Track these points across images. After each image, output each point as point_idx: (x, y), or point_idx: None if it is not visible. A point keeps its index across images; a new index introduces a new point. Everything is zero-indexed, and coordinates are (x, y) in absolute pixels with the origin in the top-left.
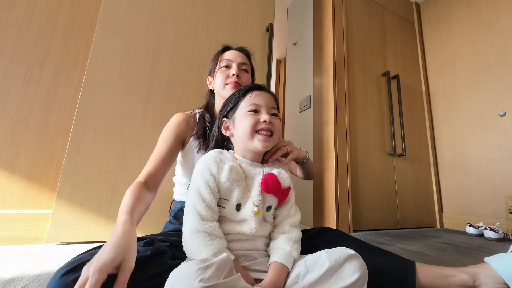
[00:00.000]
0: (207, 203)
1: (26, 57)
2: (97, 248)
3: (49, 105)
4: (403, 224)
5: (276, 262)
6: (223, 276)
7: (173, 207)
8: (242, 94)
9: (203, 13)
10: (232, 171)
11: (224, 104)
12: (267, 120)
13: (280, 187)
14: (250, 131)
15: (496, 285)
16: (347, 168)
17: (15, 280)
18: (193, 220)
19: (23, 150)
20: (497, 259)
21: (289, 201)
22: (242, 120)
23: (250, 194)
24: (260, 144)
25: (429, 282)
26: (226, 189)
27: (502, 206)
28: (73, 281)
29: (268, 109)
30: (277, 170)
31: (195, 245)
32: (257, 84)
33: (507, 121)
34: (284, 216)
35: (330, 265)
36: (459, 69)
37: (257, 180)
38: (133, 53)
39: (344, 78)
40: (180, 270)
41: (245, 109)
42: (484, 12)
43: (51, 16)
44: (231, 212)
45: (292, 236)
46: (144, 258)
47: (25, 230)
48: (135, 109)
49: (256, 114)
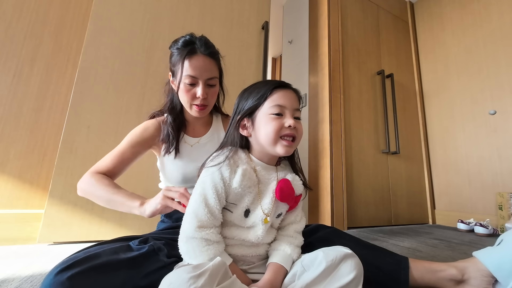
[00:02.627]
0: (211, 208)
1: (15, 54)
2: (91, 247)
3: (40, 103)
4: (397, 221)
5: (274, 263)
6: (217, 282)
7: None
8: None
9: (198, 10)
10: (245, 176)
11: (240, 101)
12: (292, 125)
13: (294, 194)
14: (274, 137)
15: (484, 278)
16: (342, 166)
17: (7, 281)
18: (190, 226)
19: (14, 149)
20: (485, 252)
21: (297, 208)
22: (265, 124)
23: (262, 201)
24: (283, 149)
25: (420, 276)
26: (236, 194)
27: (492, 203)
28: (67, 279)
29: (292, 112)
30: (291, 176)
31: (190, 250)
32: (281, 81)
33: (497, 119)
34: (290, 221)
35: (326, 265)
36: (451, 68)
37: (271, 186)
38: (126, 50)
39: (339, 76)
40: (171, 278)
41: (268, 111)
42: (476, 12)
43: (41, 12)
44: (238, 218)
45: (295, 241)
46: (140, 255)
47: (16, 230)
48: (129, 107)
49: (280, 117)
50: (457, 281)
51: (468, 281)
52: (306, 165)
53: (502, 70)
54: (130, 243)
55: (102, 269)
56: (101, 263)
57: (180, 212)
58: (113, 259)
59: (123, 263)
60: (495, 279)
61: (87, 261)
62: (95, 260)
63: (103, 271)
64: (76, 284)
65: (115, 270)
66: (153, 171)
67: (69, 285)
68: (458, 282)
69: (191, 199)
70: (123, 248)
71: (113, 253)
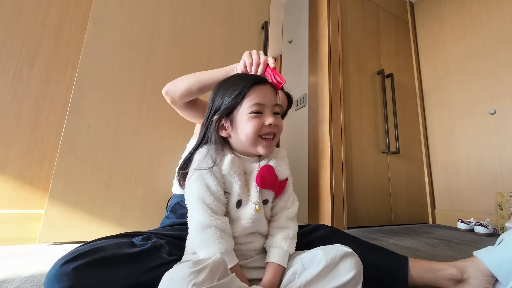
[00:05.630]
0: (215, 195)
1: (15, 54)
2: (95, 241)
3: (40, 103)
4: (397, 220)
5: (272, 263)
6: (217, 278)
7: (170, 202)
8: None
9: (198, 10)
10: (234, 162)
11: (216, 98)
12: (272, 124)
13: (277, 180)
14: (254, 137)
15: (484, 277)
16: (342, 166)
17: (7, 281)
18: (204, 215)
19: (14, 149)
20: (485, 252)
21: (286, 192)
22: (244, 124)
23: (250, 190)
24: (264, 150)
25: (419, 276)
26: (227, 181)
27: (492, 203)
28: (72, 269)
29: (271, 108)
30: (274, 162)
31: (205, 240)
32: (257, 77)
33: (497, 119)
34: (280, 207)
35: (326, 264)
36: (451, 67)
37: (254, 175)
38: (126, 50)
39: (339, 76)
40: (172, 273)
41: (247, 110)
42: (476, 11)
43: (41, 12)
44: (231, 208)
45: (290, 233)
46: (142, 251)
47: (16, 230)
48: (129, 107)
49: (259, 116)
50: (456, 280)
51: (468, 281)
52: (306, 165)
53: (502, 69)
54: (134, 240)
55: (106, 262)
56: (105, 256)
57: (184, 208)
58: (117, 253)
59: (126, 258)
60: (495, 278)
61: (92, 253)
62: (100, 253)
63: (107, 264)
64: (81, 275)
65: (119, 264)
66: (153, 171)
67: (73, 275)
68: (458, 281)
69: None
70: (126, 244)
71: (117, 248)
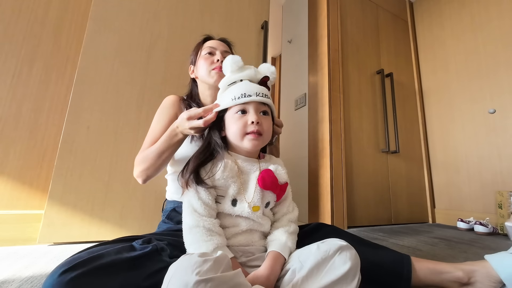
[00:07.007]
0: (204, 200)
1: (14, 54)
2: (94, 247)
3: (40, 103)
4: (397, 220)
5: (272, 251)
6: (221, 271)
7: (166, 207)
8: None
9: (197, 10)
10: (227, 167)
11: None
12: (254, 121)
13: (277, 183)
14: (240, 134)
15: (492, 284)
16: (341, 166)
17: (7, 282)
18: (192, 217)
19: (13, 150)
20: (498, 258)
21: (287, 198)
22: (231, 123)
23: (246, 190)
24: (249, 143)
25: (423, 276)
26: (221, 186)
27: (492, 202)
28: (71, 280)
29: (257, 107)
30: (273, 166)
31: (195, 239)
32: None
33: (497, 118)
34: (283, 213)
35: (321, 257)
36: (450, 67)
37: (254, 175)
38: (126, 50)
39: (338, 76)
40: (178, 263)
41: (233, 110)
42: (475, 11)
43: (40, 12)
44: (227, 208)
45: (289, 229)
46: (143, 255)
47: (16, 231)
48: (129, 107)
49: (244, 115)
50: (462, 284)
51: (474, 285)
52: (306, 164)
53: (502, 69)
54: (133, 243)
55: (105, 270)
56: (104, 263)
57: (180, 214)
58: (116, 259)
59: (126, 264)
60: (503, 284)
61: (90, 261)
62: (99, 260)
63: (107, 272)
64: (79, 285)
65: (118, 271)
66: None
67: (71, 286)
68: (463, 284)
69: (185, 196)
70: (126, 248)
71: (116, 253)
